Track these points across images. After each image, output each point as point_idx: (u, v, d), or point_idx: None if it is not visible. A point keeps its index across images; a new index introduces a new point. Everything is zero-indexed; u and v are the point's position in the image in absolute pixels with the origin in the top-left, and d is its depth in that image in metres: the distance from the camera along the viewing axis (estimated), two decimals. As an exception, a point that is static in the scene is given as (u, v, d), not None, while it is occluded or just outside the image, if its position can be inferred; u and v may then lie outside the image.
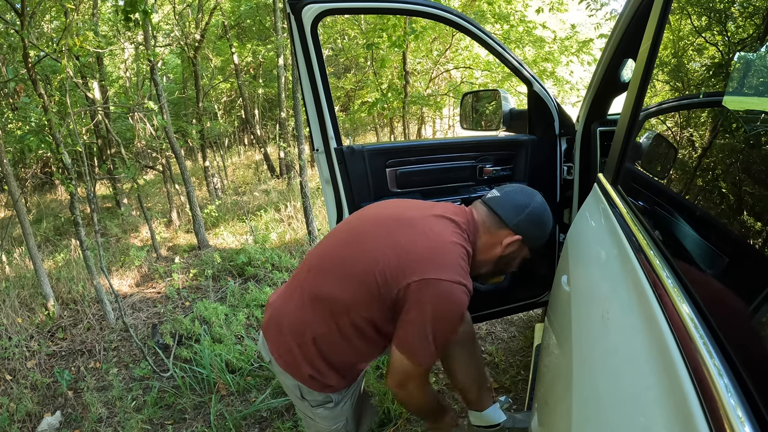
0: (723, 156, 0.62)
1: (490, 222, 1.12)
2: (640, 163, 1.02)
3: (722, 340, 0.44)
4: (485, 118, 2.11)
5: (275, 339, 1.14)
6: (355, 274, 1.04)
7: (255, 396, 2.28)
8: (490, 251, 1.13)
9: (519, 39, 6.21)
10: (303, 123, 5.76)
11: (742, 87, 0.59)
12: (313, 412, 1.20)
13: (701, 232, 0.62)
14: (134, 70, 7.87)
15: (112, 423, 2.23)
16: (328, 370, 1.12)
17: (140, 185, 4.22)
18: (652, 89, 0.98)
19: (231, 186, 8.52)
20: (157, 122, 4.49)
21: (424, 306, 0.97)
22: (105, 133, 6.75)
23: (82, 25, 5.16)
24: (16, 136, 4.67)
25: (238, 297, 3.44)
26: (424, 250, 1.02)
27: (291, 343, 1.10)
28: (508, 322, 2.78)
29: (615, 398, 0.57)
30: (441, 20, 1.57)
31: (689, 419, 0.41)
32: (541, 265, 1.92)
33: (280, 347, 1.14)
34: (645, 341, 0.56)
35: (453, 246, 1.04)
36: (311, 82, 1.45)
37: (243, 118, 11.40)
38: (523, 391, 2.12)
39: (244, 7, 7.55)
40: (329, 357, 1.10)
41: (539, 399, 1.10)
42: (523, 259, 1.21)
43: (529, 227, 1.11)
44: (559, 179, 1.87)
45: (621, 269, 0.76)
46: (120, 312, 2.94)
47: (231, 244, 4.93)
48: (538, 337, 1.74)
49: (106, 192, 9.13)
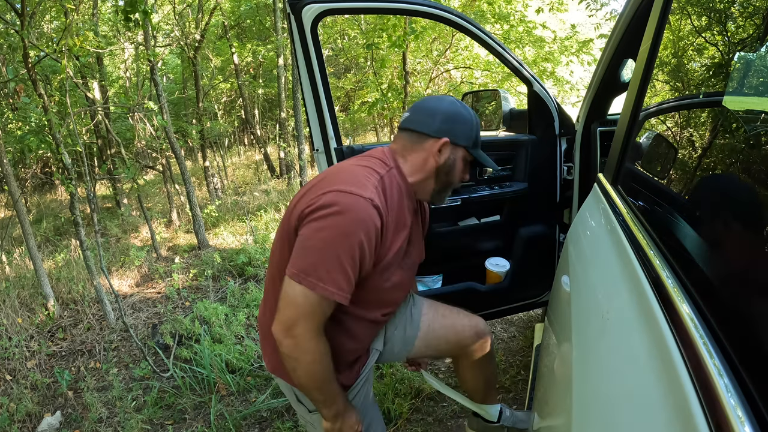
0: (723, 156, 0.62)
1: (412, 140, 1.07)
2: (640, 163, 1.02)
3: (722, 340, 0.44)
4: (485, 118, 2.12)
5: (262, 343, 1.15)
6: (279, 235, 1.02)
7: (255, 396, 2.28)
8: (424, 166, 1.06)
9: (519, 39, 6.21)
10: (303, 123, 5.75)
11: (742, 87, 0.59)
12: (311, 417, 1.11)
13: (701, 232, 0.62)
14: (134, 70, 7.87)
15: (112, 423, 2.23)
16: None
17: (140, 185, 4.22)
18: (652, 89, 0.98)
19: (231, 186, 8.52)
20: (157, 122, 4.49)
21: (320, 219, 0.88)
22: (105, 133, 6.75)
23: (82, 25, 5.16)
24: (16, 137, 4.67)
25: (238, 297, 3.44)
26: (326, 180, 0.97)
27: (271, 341, 0.99)
28: (508, 322, 2.78)
29: (615, 398, 0.57)
30: (441, 20, 1.57)
31: (689, 419, 0.41)
32: (541, 264, 1.92)
33: (266, 349, 1.12)
34: (645, 341, 0.56)
35: (359, 169, 0.99)
36: (311, 82, 1.45)
37: (243, 118, 11.40)
38: (523, 391, 2.12)
39: (244, 7, 7.55)
40: None
41: (539, 399, 1.10)
42: (468, 163, 1.13)
43: (450, 126, 1.05)
44: (559, 179, 1.87)
45: (621, 269, 0.76)
46: (120, 312, 2.94)
47: (231, 244, 4.93)
48: (538, 337, 1.74)
49: (106, 192, 9.13)
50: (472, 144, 1.09)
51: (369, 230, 0.90)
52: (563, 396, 0.75)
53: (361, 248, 0.89)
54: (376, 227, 0.91)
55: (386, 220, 0.95)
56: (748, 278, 0.48)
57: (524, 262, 1.88)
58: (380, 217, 0.92)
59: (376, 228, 0.91)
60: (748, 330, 0.44)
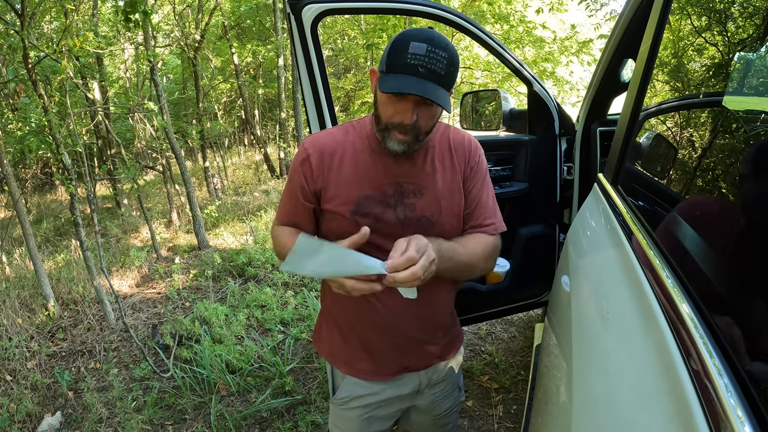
0: (723, 156, 0.62)
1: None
2: (640, 163, 1.02)
3: (722, 340, 0.44)
4: (485, 118, 2.12)
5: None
6: None
7: (255, 396, 2.28)
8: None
9: (519, 39, 6.21)
10: (303, 123, 5.76)
11: (742, 87, 0.59)
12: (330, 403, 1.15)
13: (701, 232, 0.62)
14: (134, 70, 7.88)
15: (113, 423, 2.23)
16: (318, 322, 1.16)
17: (140, 186, 4.22)
18: (652, 89, 0.98)
19: (231, 186, 8.52)
20: (157, 123, 4.49)
21: None
22: (105, 134, 6.75)
23: (82, 25, 5.15)
24: (17, 137, 4.66)
25: (238, 297, 3.44)
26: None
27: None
28: (508, 322, 2.78)
29: (615, 398, 0.57)
30: (441, 20, 1.57)
31: (689, 419, 0.41)
32: (541, 264, 1.92)
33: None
34: (645, 341, 0.56)
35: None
36: (311, 82, 1.45)
37: (243, 119, 11.41)
38: (523, 391, 2.12)
39: (244, 8, 7.56)
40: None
41: (539, 399, 1.10)
42: (391, 95, 0.88)
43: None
44: (559, 179, 1.87)
45: (621, 269, 0.76)
46: (120, 312, 2.94)
47: (231, 245, 4.93)
48: (538, 337, 1.73)
49: (107, 192, 9.13)
50: (386, 67, 0.86)
51: (295, 162, 1.00)
52: (563, 396, 0.75)
53: (295, 180, 1.01)
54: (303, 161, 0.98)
55: (313, 159, 0.97)
56: (748, 278, 0.48)
57: (524, 262, 1.88)
58: (305, 150, 0.98)
59: (303, 161, 0.98)
60: (748, 330, 0.44)
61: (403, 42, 0.83)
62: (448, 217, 0.99)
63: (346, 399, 1.09)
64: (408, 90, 0.81)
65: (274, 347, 2.64)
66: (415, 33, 0.84)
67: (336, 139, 0.98)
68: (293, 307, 3.19)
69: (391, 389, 1.09)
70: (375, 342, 1.05)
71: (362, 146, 0.97)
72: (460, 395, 1.25)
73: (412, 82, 0.82)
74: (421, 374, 1.10)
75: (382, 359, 1.06)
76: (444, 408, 1.19)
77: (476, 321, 1.97)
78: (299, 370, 2.48)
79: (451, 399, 1.20)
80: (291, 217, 1.03)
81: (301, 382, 2.38)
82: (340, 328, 1.09)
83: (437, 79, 0.82)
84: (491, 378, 2.27)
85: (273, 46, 7.57)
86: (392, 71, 0.84)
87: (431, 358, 1.10)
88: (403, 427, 1.24)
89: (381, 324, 1.01)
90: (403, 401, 1.13)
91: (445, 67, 0.82)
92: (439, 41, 0.83)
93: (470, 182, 1.02)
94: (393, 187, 0.95)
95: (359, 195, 0.95)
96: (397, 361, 1.06)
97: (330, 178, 0.95)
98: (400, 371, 1.07)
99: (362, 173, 0.95)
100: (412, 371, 1.08)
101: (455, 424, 1.27)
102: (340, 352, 1.09)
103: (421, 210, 0.96)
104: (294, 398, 2.22)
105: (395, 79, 0.83)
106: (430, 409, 1.17)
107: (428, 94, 0.81)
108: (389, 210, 0.95)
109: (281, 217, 1.06)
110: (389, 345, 1.04)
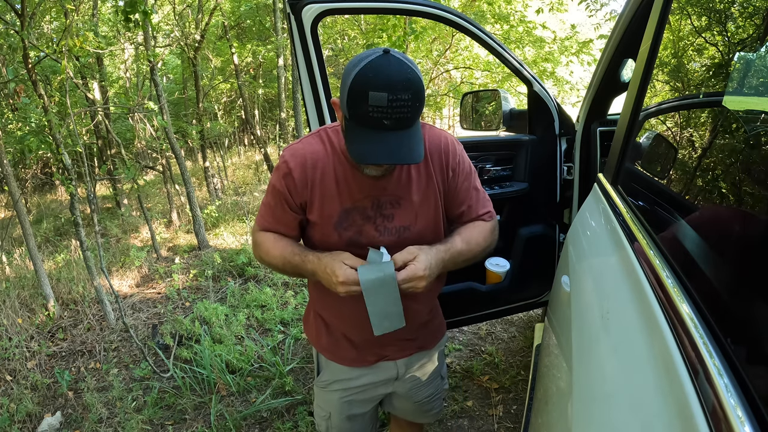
0: (723, 156, 0.62)
1: None
2: (640, 163, 1.02)
3: (722, 340, 0.44)
4: (485, 118, 2.12)
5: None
6: None
7: (255, 396, 2.28)
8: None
9: (519, 39, 6.21)
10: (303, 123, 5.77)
11: (742, 87, 0.59)
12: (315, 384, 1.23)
13: (701, 232, 0.62)
14: (134, 70, 7.87)
15: (113, 423, 2.23)
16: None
17: (140, 186, 4.22)
18: (652, 89, 0.98)
19: (231, 186, 8.52)
20: (157, 123, 4.49)
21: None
22: (105, 134, 6.75)
23: (82, 25, 5.15)
24: (17, 137, 4.67)
25: (238, 297, 3.44)
26: None
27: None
28: (508, 322, 2.78)
29: (615, 398, 0.57)
30: (441, 20, 1.57)
31: (689, 419, 0.41)
32: (541, 264, 1.92)
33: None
34: (645, 341, 0.56)
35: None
36: (311, 82, 1.45)
37: (243, 119, 11.41)
38: (523, 391, 2.12)
39: (244, 8, 7.55)
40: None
41: (539, 399, 1.10)
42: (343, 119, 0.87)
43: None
44: (559, 179, 1.87)
45: (621, 269, 0.76)
46: (120, 312, 2.94)
47: (231, 245, 4.93)
48: (538, 337, 1.73)
49: (107, 192, 9.13)
50: (347, 113, 0.82)
51: (275, 178, 1.01)
52: (563, 396, 0.75)
53: (278, 191, 1.00)
54: (285, 174, 0.98)
55: (295, 174, 0.97)
56: (748, 278, 0.48)
57: (524, 262, 1.88)
58: (286, 164, 0.98)
59: (285, 174, 0.98)
60: (748, 330, 0.44)
61: (360, 92, 0.77)
62: (424, 223, 1.03)
63: (328, 382, 1.18)
64: (377, 160, 0.81)
65: (274, 347, 2.64)
66: (370, 78, 0.77)
67: (315, 149, 0.98)
68: (293, 307, 3.19)
69: (369, 375, 1.17)
70: (353, 335, 1.12)
71: (340, 159, 0.98)
72: (443, 383, 1.31)
73: (378, 146, 0.79)
74: (399, 363, 1.17)
75: (363, 348, 1.14)
76: (424, 395, 1.25)
77: (476, 321, 1.97)
78: (299, 370, 2.48)
79: (432, 387, 1.26)
80: (276, 225, 1.04)
81: (301, 382, 2.38)
82: (323, 318, 1.16)
83: (404, 124, 0.79)
84: (491, 378, 2.27)
85: (273, 46, 7.56)
86: (356, 121, 0.80)
87: (410, 348, 1.17)
88: (387, 411, 1.33)
89: (358, 319, 1.04)
90: (382, 387, 1.20)
91: (410, 110, 0.78)
92: (399, 80, 0.76)
93: (456, 183, 1.04)
94: (371, 200, 0.99)
95: (341, 208, 0.98)
96: (375, 351, 1.14)
97: (314, 192, 0.98)
98: (378, 359, 1.16)
99: (343, 188, 0.98)
100: (390, 360, 1.16)
101: (439, 410, 1.34)
102: (324, 340, 1.16)
103: (399, 220, 1.00)
104: (294, 398, 2.22)
105: (361, 144, 0.81)
106: (410, 396, 1.24)
107: (399, 156, 0.80)
108: (369, 223, 0.99)
109: (264, 224, 1.05)
110: (366, 338, 1.09)
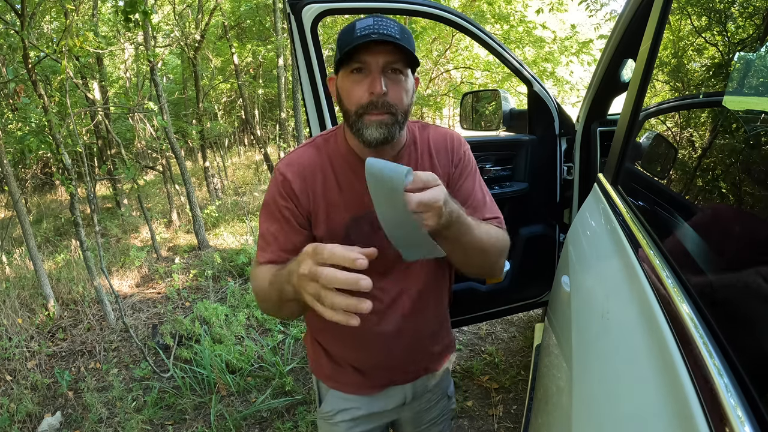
0: (723, 156, 0.62)
1: None
2: (640, 163, 1.02)
3: (722, 340, 0.44)
4: (485, 118, 2.12)
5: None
6: None
7: (255, 396, 2.28)
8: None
9: (519, 39, 6.21)
10: (303, 123, 5.77)
11: (742, 87, 0.59)
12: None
13: (701, 232, 0.62)
14: (134, 70, 7.87)
15: (113, 423, 2.23)
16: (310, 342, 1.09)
17: (140, 186, 4.22)
18: (652, 89, 0.98)
19: (231, 186, 8.52)
20: (157, 123, 4.49)
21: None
22: (105, 134, 6.75)
23: (82, 25, 5.15)
24: (17, 137, 4.67)
25: (238, 297, 3.44)
26: None
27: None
28: (508, 322, 2.78)
29: (615, 398, 0.57)
30: (441, 20, 1.57)
31: (689, 419, 0.41)
32: (541, 264, 1.92)
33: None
34: (645, 341, 0.56)
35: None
36: (311, 82, 1.45)
37: (243, 119, 11.41)
38: (523, 391, 2.12)
39: (244, 8, 7.55)
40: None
41: (539, 399, 1.10)
42: (352, 71, 0.83)
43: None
44: (559, 179, 1.87)
45: (621, 269, 0.76)
46: (120, 312, 2.94)
47: (231, 245, 4.93)
48: (538, 337, 1.73)
49: (107, 192, 9.13)
50: (339, 56, 0.81)
51: (270, 194, 0.92)
52: (563, 396, 0.75)
53: (279, 208, 0.91)
54: (282, 182, 0.91)
55: (295, 186, 0.90)
56: (748, 278, 0.48)
57: (524, 262, 1.88)
58: (282, 176, 0.91)
59: (283, 186, 0.91)
60: (748, 330, 0.44)
61: (348, 28, 0.80)
62: None
63: (332, 413, 1.06)
64: (364, 39, 0.75)
65: (274, 347, 2.64)
66: (356, 21, 0.81)
67: (311, 157, 0.92)
68: (293, 307, 3.19)
69: (377, 403, 1.06)
70: (356, 360, 1.02)
71: (342, 165, 0.92)
72: (450, 403, 1.21)
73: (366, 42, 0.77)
74: (407, 387, 1.07)
75: (367, 373, 1.03)
76: (429, 418, 1.16)
77: (476, 321, 1.97)
78: (299, 370, 2.48)
79: (438, 408, 1.17)
80: (280, 252, 0.88)
81: (301, 382, 2.38)
82: (321, 342, 1.05)
83: (392, 40, 0.77)
84: (491, 378, 2.27)
85: (273, 46, 7.56)
86: (346, 56, 0.79)
87: (418, 371, 1.07)
88: None
89: (358, 341, 0.97)
90: (389, 415, 1.11)
91: (398, 31, 0.78)
92: (386, 18, 0.80)
93: (458, 178, 0.97)
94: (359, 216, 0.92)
95: (348, 217, 0.92)
96: (382, 375, 1.04)
97: (317, 202, 0.91)
98: (386, 384, 1.05)
99: (348, 194, 0.91)
100: (398, 384, 1.06)
101: (447, 431, 1.23)
102: (325, 366, 1.05)
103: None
104: (294, 398, 2.22)
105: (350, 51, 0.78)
106: (416, 421, 1.15)
107: (387, 37, 0.75)
108: (377, 233, 0.89)
109: (266, 256, 0.89)
110: (372, 361, 1.01)
